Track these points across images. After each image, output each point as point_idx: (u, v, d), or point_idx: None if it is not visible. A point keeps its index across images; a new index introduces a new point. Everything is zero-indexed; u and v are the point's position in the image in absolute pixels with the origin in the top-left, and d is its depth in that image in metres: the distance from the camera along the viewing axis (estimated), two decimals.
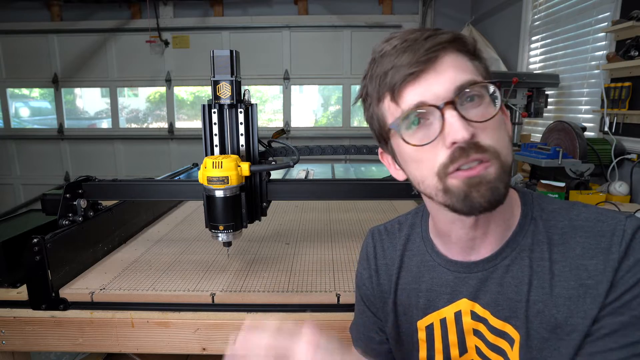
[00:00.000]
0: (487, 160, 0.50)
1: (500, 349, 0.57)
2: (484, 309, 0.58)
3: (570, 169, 1.68)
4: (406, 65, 0.51)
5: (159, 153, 4.50)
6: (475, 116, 0.50)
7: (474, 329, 0.59)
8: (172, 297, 0.96)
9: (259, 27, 4.23)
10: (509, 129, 0.57)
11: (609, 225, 0.53)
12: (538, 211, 0.58)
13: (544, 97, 2.36)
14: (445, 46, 0.51)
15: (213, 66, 0.98)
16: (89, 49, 4.31)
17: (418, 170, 0.55)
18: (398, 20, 4.15)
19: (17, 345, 0.96)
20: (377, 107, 0.57)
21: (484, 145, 0.50)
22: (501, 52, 3.24)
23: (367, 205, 1.75)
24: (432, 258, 0.64)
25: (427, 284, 0.64)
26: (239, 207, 1.00)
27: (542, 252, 0.55)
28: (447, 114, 0.50)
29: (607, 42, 2.06)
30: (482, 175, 0.50)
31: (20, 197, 4.65)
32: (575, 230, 0.54)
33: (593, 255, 0.52)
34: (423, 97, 0.51)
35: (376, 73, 0.55)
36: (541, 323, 0.53)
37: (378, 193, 1.12)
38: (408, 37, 0.53)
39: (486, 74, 0.55)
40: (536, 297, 0.54)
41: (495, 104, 0.52)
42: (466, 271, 0.60)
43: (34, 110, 4.69)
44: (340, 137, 4.38)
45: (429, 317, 0.63)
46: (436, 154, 0.51)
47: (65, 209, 1.07)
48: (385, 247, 0.71)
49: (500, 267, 0.57)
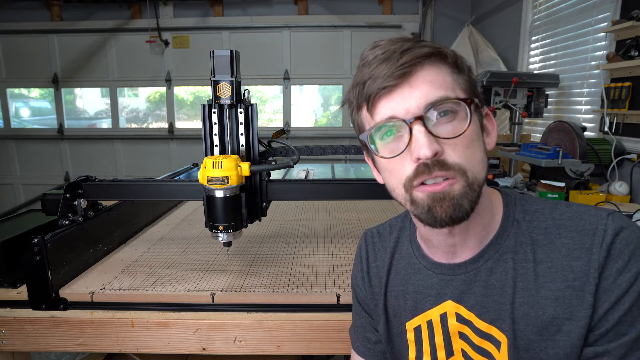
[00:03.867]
0: (452, 177, 0.51)
1: (486, 352, 0.57)
2: (469, 312, 0.58)
3: (570, 169, 1.68)
4: (382, 78, 0.52)
5: (159, 153, 4.50)
6: (444, 132, 0.51)
7: (460, 331, 0.60)
8: (172, 297, 0.96)
9: (259, 27, 4.23)
10: (490, 141, 0.58)
11: (591, 223, 0.53)
12: (521, 213, 0.59)
13: (544, 97, 2.36)
14: (421, 61, 0.52)
15: (213, 66, 0.98)
16: (89, 49, 4.31)
17: (390, 179, 0.57)
18: (398, 20, 4.15)
19: (17, 345, 0.96)
20: (357, 115, 0.59)
21: (449, 162, 0.51)
22: (501, 52, 3.24)
23: (367, 205, 1.75)
24: (419, 261, 0.65)
25: (414, 286, 0.64)
26: (239, 207, 1.00)
27: (525, 253, 0.55)
28: (414, 129, 0.51)
29: (607, 42, 2.06)
30: (446, 192, 0.51)
31: (20, 197, 4.64)
32: (559, 230, 0.55)
33: (578, 256, 0.52)
34: (394, 112, 0.52)
35: (356, 81, 0.56)
36: (527, 325, 0.53)
37: (378, 193, 1.12)
38: (389, 48, 0.53)
39: (468, 86, 0.54)
40: (522, 299, 0.54)
41: (468, 120, 0.52)
42: (450, 273, 0.61)
43: (34, 110, 4.69)
44: (340, 137, 4.37)
45: (416, 319, 0.64)
46: (404, 165, 0.53)
47: (65, 209, 1.07)
48: (376, 249, 0.72)
49: (483, 269, 0.58)
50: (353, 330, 0.78)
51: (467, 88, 0.54)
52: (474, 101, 0.53)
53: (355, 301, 0.76)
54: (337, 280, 1.03)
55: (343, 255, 1.19)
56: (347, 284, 1.01)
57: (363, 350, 0.74)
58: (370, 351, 0.73)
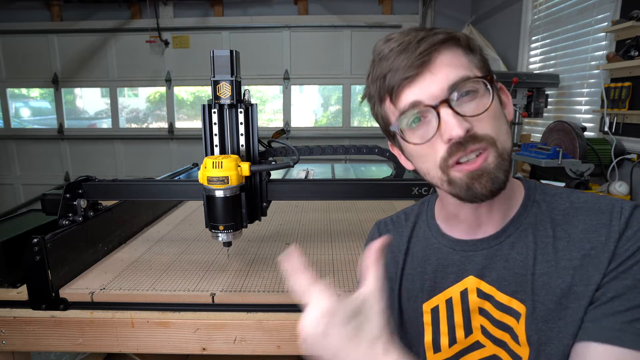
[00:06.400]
0: (485, 148, 0.53)
1: (506, 326, 0.58)
2: (490, 286, 0.60)
3: (570, 169, 1.69)
4: (402, 69, 0.54)
5: (159, 153, 4.50)
6: (470, 110, 0.53)
7: (480, 307, 0.61)
8: (172, 297, 0.96)
9: (259, 27, 4.23)
10: (509, 113, 0.61)
11: (607, 204, 0.56)
12: (541, 195, 0.62)
13: (544, 97, 2.36)
14: (438, 47, 0.54)
15: (213, 66, 0.98)
16: (89, 49, 4.31)
17: (423, 164, 0.59)
18: (398, 20, 4.15)
19: (17, 345, 0.96)
20: (381, 108, 0.61)
21: (481, 134, 0.53)
22: (501, 52, 3.24)
23: (367, 205, 1.75)
24: (438, 241, 0.67)
25: (433, 266, 0.66)
26: (239, 207, 1.00)
27: (545, 230, 0.58)
28: (442, 112, 0.53)
29: (607, 42, 2.06)
30: (482, 168, 0.54)
31: (20, 197, 4.64)
32: (576, 211, 0.58)
33: (595, 230, 0.55)
34: (419, 98, 0.54)
35: (376, 75, 0.58)
36: (547, 295, 0.55)
37: (378, 193, 1.13)
38: (404, 40, 0.55)
39: (482, 65, 0.57)
40: (542, 270, 0.56)
41: (491, 94, 0.55)
42: (472, 249, 0.62)
43: (34, 110, 4.69)
44: (340, 137, 4.38)
45: (434, 299, 0.65)
46: (436, 149, 0.55)
47: (65, 209, 1.07)
48: (392, 236, 0.73)
49: (505, 244, 0.60)
50: None
51: (482, 66, 0.57)
52: (493, 77, 0.55)
53: None
54: (337, 280, 1.03)
55: (343, 255, 1.19)
56: (347, 284, 1.01)
57: None
58: None
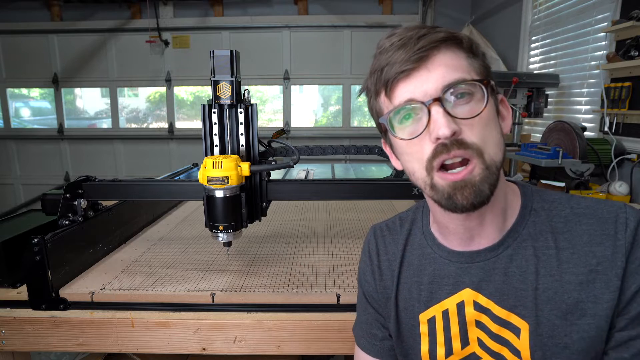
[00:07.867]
0: (470, 157, 0.52)
1: (504, 340, 0.58)
2: (488, 299, 0.59)
3: (570, 169, 1.69)
4: (399, 63, 0.53)
5: (159, 153, 4.50)
6: (462, 113, 0.52)
7: (477, 320, 0.60)
8: (172, 297, 0.96)
9: (259, 27, 4.23)
10: (506, 126, 0.59)
11: (610, 211, 0.55)
12: (539, 202, 0.60)
13: (544, 97, 2.36)
14: (438, 45, 0.53)
15: (213, 66, 0.98)
16: (89, 49, 4.31)
17: (409, 162, 0.58)
18: (398, 20, 4.15)
19: (17, 345, 0.96)
20: (376, 101, 0.60)
21: (468, 142, 0.52)
22: (501, 52, 3.24)
23: (367, 205, 1.75)
24: (433, 250, 0.65)
25: (429, 277, 0.65)
26: (239, 207, 1.00)
27: (546, 240, 0.57)
28: (433, 110, 0.52)
29: (607, 42, 2.06)
30: (467, 180, 0.52)
31: (20, 197, 4.65)
32: (578, 218, 0.57)
33: (600, 242, 0.54)
34: (412, 94, 0.53)
35: (374, 68, 0.58)
36: (552, 310, 0.54)
37: (378, 193, 1.12)
38: (405, 35, 0.55)
39: (483, 70, 0.56)
40: (545, 284, 0.55)
41: (485, 100, 0.54)
42: (468, 261, 0.61)
43: (34, 110, 4.69)
44: (340, 137, 4.38)
45: (431, 309, 0.64)
46: (423, 148, 0.54)
47: (65, 209, 1.07)
48: (387, 243, 0.72)
49: (502, 257, 0.59)
50: (358, 327, 0.78)
51: (482, 72, 0.56)
52: (490, 83, 0.54)
53: (362, 297, 0.76)
54: (337, 280, 1.03)
55: (343, 255, 1.19)
56: (347, 284, 1.01)
57: (369, 347, 0.74)
58: (376, 348, 0.73)
